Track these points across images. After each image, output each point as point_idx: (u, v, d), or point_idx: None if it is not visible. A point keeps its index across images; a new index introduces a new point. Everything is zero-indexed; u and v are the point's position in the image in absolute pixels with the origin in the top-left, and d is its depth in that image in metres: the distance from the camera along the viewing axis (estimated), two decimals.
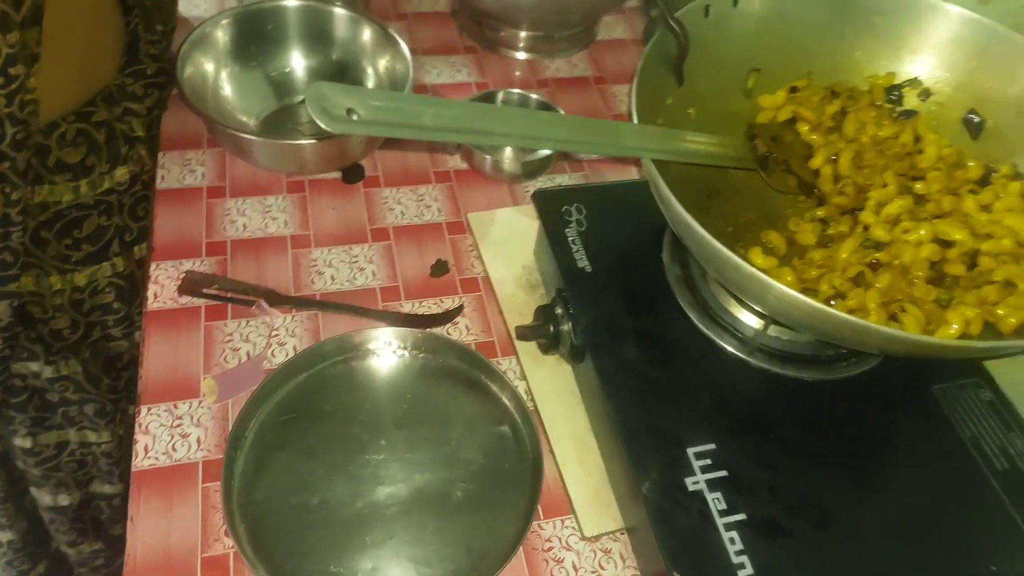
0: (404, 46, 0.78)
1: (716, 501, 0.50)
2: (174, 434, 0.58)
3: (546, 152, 0.78)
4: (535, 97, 0.83)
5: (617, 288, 0.60)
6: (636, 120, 0.52)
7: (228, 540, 0.53)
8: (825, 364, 0.57)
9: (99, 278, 0.73)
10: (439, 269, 0.71)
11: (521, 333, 0.62)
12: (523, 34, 0.93)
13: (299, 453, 0.57)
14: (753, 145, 0.62)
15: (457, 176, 0.79)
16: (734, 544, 0.48)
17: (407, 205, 0.76)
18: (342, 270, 0.70)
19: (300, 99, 0.83)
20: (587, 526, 0.56)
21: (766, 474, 0.52)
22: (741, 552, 0.48)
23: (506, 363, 0.65)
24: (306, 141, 0.74)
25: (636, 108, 0.52)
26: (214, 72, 0.78)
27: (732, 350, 0.57)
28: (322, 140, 0.72)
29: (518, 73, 0.93)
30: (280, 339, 0.64)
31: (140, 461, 0.56)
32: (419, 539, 0.54)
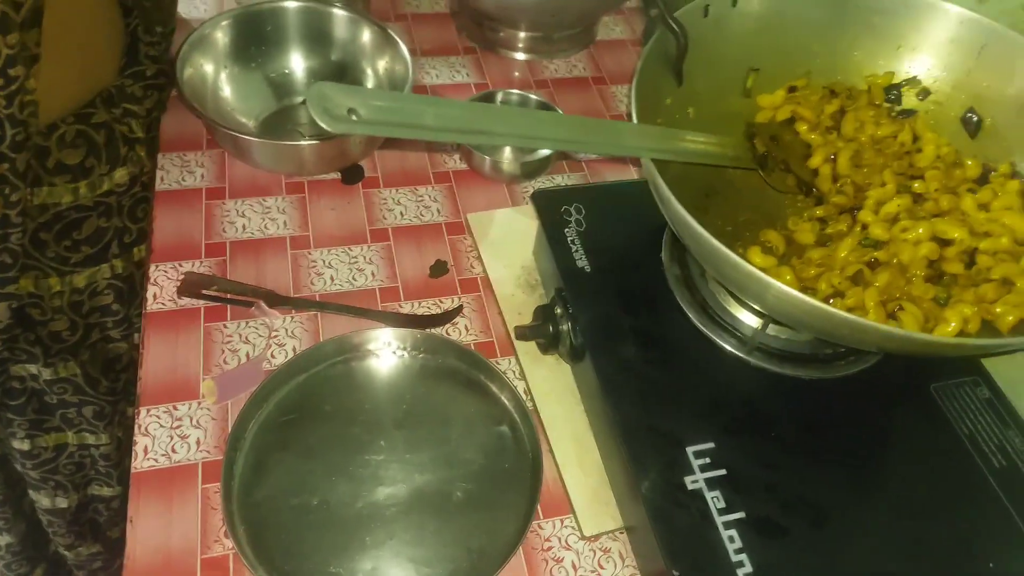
0: (403, 47, 0.78)
1: (715, 500, 0.50)
2: (173, 435, 0.58)
3: (545, 152, 0.79)
4: (534, 98, 0.83)
5: (616, 288, 0.60)
6: (635, 120, 0.52)
7: (228, 541, 0.53)
8: (823, 363, 0.58)
9: (98, 280, 0.73)
10: (438, 269, 0.71)
11: (520, 333, 0.62)
12: (522, 35, 0.93)
13: (299, 454, 0.57)
14: (752, 144, 0.63)
15: (456, 176, 0.79)
16: (733, 542, 0.48)
17: (406, 206, 0.76)
18: (341, 271, 0.70)
19: (300, 100, 0.83)
20: (586, 525, 0.56)
21: (765, 472, 0.52)
22: (740, 550, 0.48)
23: (505, 363, 0.65)
24: (305, 142, 0.74)
25: (635, 108, 0.52)
26: (213, 73, 0.78)
27: (731, 349, 0.57)
28: (322, 141, 0.73)
29: (517, 74, 0.93)
30: (279, 340, 0.64)
31: (139, 462, 0.56)
32: (419, 539, 0.54)
